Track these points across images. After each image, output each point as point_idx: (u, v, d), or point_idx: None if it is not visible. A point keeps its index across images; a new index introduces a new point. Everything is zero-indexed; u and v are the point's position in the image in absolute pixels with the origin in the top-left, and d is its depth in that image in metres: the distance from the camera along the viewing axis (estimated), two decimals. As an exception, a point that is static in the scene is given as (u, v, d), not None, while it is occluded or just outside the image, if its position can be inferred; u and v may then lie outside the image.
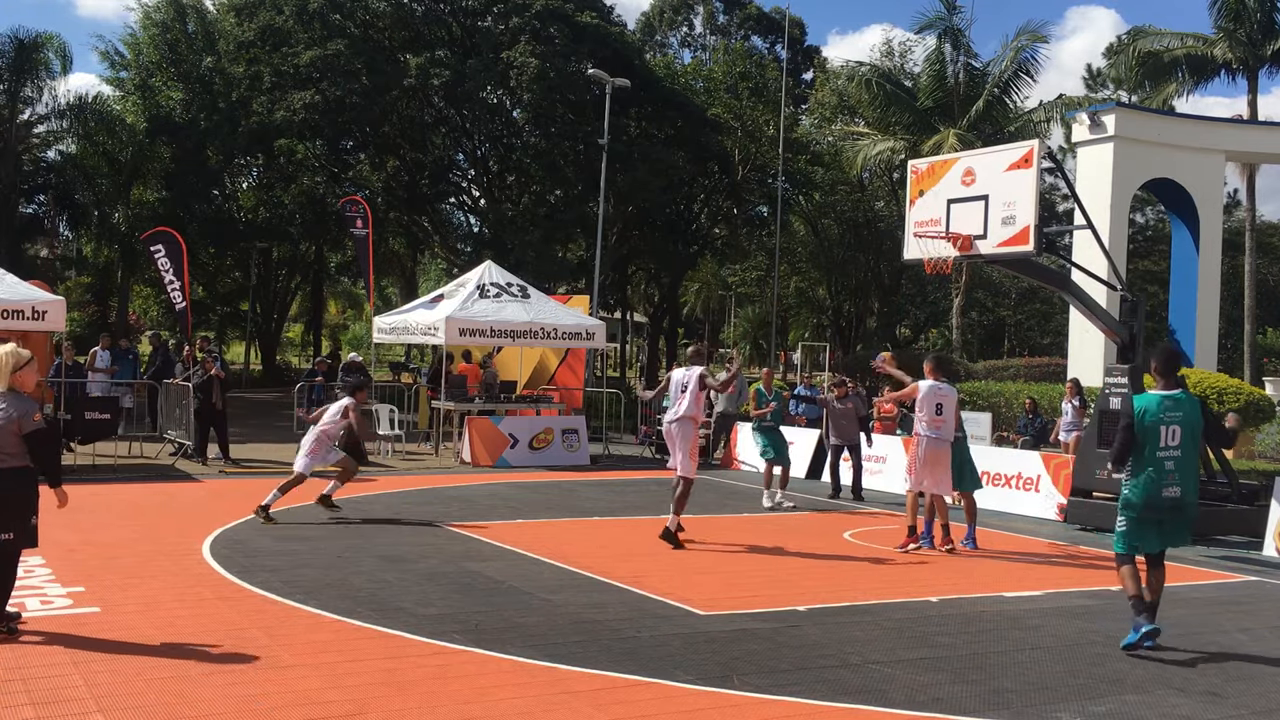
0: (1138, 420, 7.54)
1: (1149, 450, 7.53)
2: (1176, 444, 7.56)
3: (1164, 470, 7.54)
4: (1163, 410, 7.57)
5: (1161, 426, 7.54)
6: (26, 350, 7.13)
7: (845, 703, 6.16)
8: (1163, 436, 7.54)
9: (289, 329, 60.04)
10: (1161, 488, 7.54)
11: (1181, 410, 7.61)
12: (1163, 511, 7.59)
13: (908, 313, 50.19)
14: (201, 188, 35.82)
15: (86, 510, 12.09)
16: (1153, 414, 7.55)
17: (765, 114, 39.71)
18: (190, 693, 5.90)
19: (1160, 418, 7.55)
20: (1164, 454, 7.55)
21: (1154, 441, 7.53)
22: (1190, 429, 7.62)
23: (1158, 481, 7.53)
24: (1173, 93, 35.56)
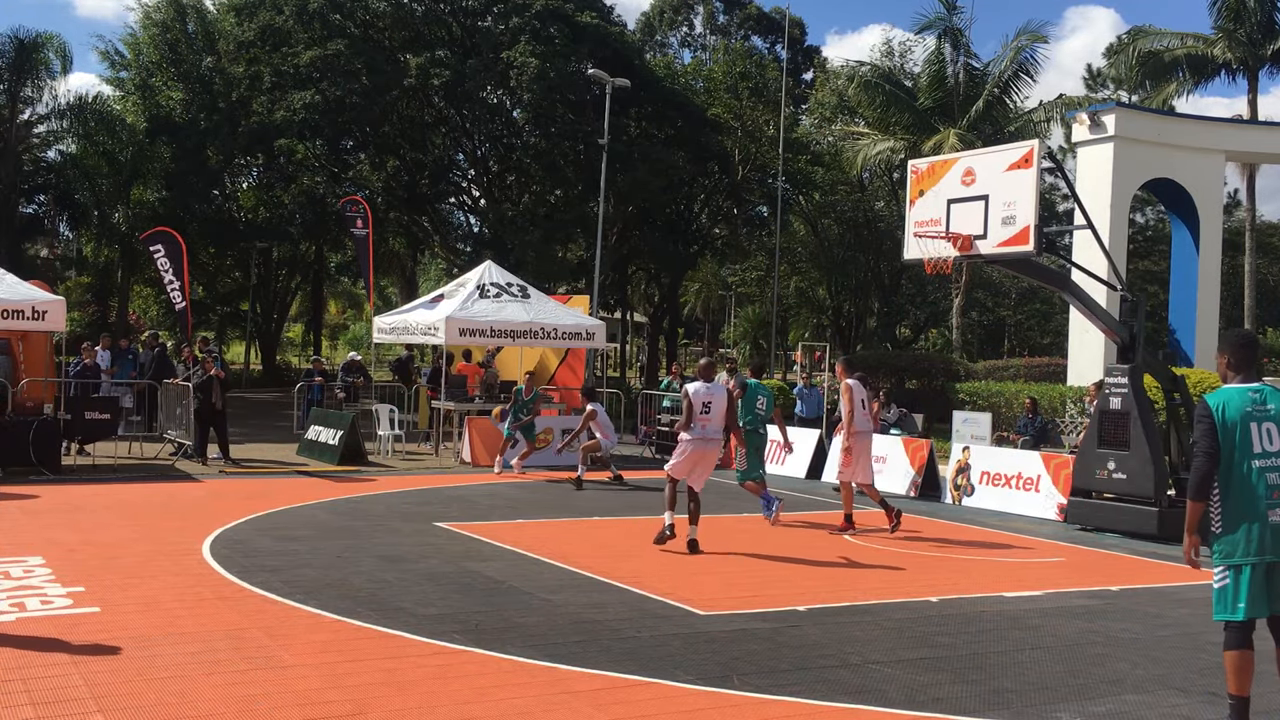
0: (1217, 419, 5.59)
1: (1241, 461, 5.54)
2: (1276, 450, 5.58)
3: (1267, 485, 5.53)
4: (1250, 405, 5.62)
5: (1253, 424, 5.58)
6: None
7: (845, 703, 6.16)
8: (1256, 438, 5.56)
9: (289, 329, 60.05)
10: (1266, 510, 5.51)
11: (1274, 405, 5.67)
12: (1272, 547, 5.49)
13: (908, 313, 50.13)
14: (201, 188, 35.84)
15: (86, 510, 12.09)
16: (1236, 409, 5.59)
17: (765, 114, 39.71)
18: (190, 693, 5.90)
19: (1249, 413, 5.59)
20: (1263, 463, 5.55)
21: (1246, 448, 5.54)
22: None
23: (1257, 503, 5.51)
24: (1173, 93, 35.57)
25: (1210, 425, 5.58)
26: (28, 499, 12.83)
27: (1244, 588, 5.51)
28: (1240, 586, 5.52)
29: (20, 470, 14.90)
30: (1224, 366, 5.86)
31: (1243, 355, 5.80)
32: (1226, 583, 5.59)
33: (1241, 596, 5.52)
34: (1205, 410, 5.64)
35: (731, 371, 20.84)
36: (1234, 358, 5.81)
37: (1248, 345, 5.86)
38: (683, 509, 11.10)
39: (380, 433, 19.31)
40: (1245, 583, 5.51)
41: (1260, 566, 5.51)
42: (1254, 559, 5.50)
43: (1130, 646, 7.66)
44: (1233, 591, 5.55)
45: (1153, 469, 12.85)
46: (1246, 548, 5.52)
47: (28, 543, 10.02)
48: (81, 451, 16.77)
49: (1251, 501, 5.53)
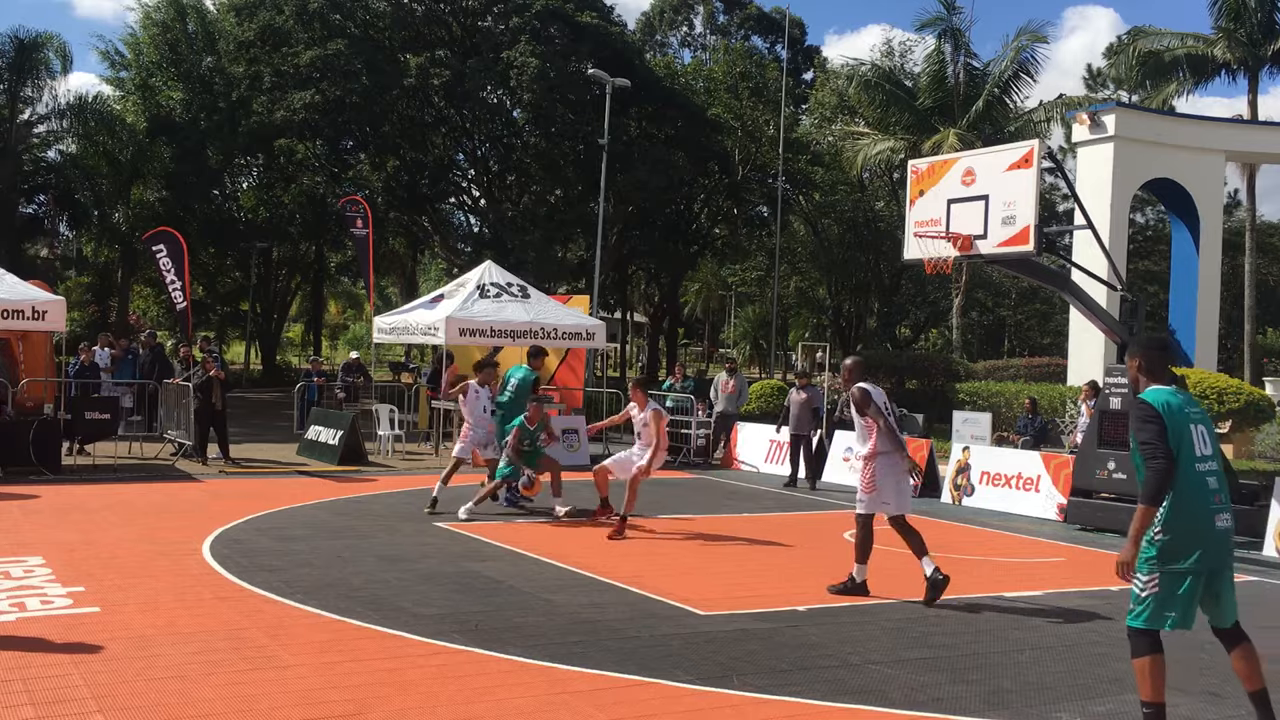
0: (1167, 419, 5.37)
1: (1188, 463, 5.34)
2: (1210, 452, 5.44)
3: (1208, 490, 5.35)
4: (1185, 404, 5.48)
5: (1191, 426, 5.40)
6: None
7: (845, 703, 6.16)
8: (1196, 440, 5.39)
9: (289, 329, 60.07)
10: (1213, 514, 5.33)
11: (1198, 407, 5.57)
12: (1214, 554, 5.32)
13: (908, 313, 50.14)
14: (201, 188, 35.87)
15: (86, 510, 12.09)
16: (1178, 409, 5.41)
17: (765, 114, 39.73)
18: (190, 693, 5.90)
19: (1187, 414, 5.43)
20: (1204, 466, 5.38)
21: (1190, 450, 5.35)
22: (1213, 434, 5.59)
23: (1205, 508, 5.32)
24: (1173, 93, 35.57)
25: (1162, 427, 5.33)
26: (28, 499, 12.83)
27: (1181, 597, 5.31)
28: (1176, 595, 5.31)
29: (20, 470, 14.90)
30: (1135, 370, 5.69)
31: (1156, 360, 5.66)
32: (1158, 590, 5.35)
33: (1176, 606, 5.32)
34: (1153, 411, 5.38)
35: (731, 372, 20.89)
36: (1147, 363, 5.67)
37: (1162, 350, 5.70)
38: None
39: (380, 433, 19.31)
40: (1184, 592, 5.31)
41: (1202, 575, 5.32)
42: (1198, 566, 5.31)
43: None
44: (1166, 600, 5.32)
45: (1153, 469, 12.82)
46: (1192, 555, 5.30)
47: (28, 543, 10.02)
48: (81, 451, 16.77)
49: (1199, 506, 5.33)
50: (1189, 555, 5.28)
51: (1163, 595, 5.33)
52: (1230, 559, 5.47)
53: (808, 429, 17.10)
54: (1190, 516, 5.30)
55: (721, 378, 20.60)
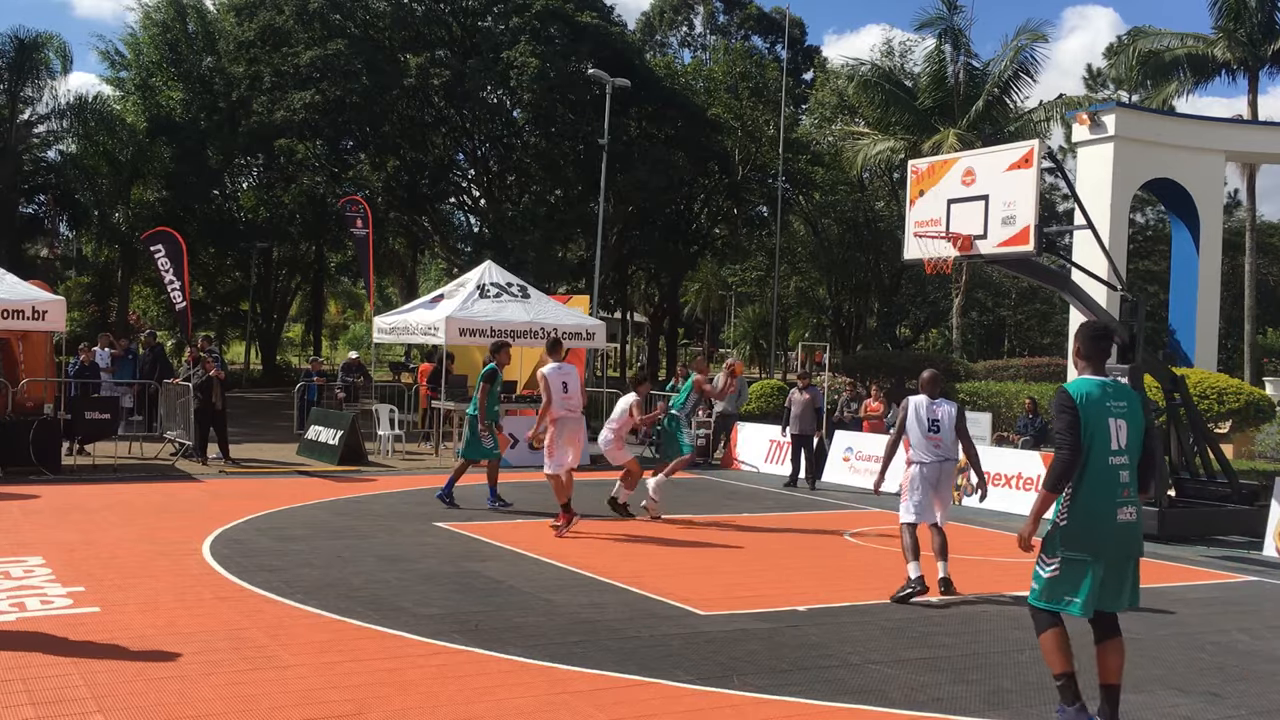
0: (1080, 410, 5.47)
1: (1099, 455, 5.45)
2: (1126, 447, 5.53)
3: (1119, 483, 5.49)
4: (1106, 397, 5.54)
5: (1110, 420, 5.49)
6: None
7: (845, 703, 6.16)
8: (1112, 434, 5.49)
9: (289, 329, 60.06)
10: (1116, 508, 5.46)
11: (1126, 400, 5.61)
12: (1115, 546, 5.47)
13: (908, 313, 50.14)
14: (201, 188, 35.86)
15: (86, 510, 12.10)
16: (1096, 402, 5.50)
17: (765, 114, 39.73)
18: (190, 693, 5.90)
19: (1106, 407, 5.50)
20: (1116, 460, 5.49)
21: (1104, 443, 5.46)
22: (1137, 429, 5.63)
23: (1110, 500, 5.46)
24: (1173, 93, 35.56)
25: (1075, 418, 5.45)
26: (28, 499, 12.83)
27: (1085, 585, 5.44)
28: (1079, 582, 5.45)
29: (20, 470, 14.90)
30: (1075, 355, 5.80)
31: (1094, 346, 5.72)
32: (1058, 574, 5.49)
33: (1080, 593, 5.45)
34: (1069, 401, 5.49)
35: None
36: (1085, 347, 5.73)
37: (1100, 337, 5.78)
38: None
39: (380, 433, 19.31)
40: (1088, 580, 5.43)
41: (1101, 564, 5.44)
42: (1098, 555, 5.43)
43: (1130, 646, 7.62)
44: (1068, 585, 5.47)
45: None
46: (1093, 545, 5.43)
47: (28, 543, 10.02)
48: (81, 451, 16.77)
49: (1104, 498, 5.44)
50: (1089, 544, 5.43)
51: (1062, 579, 5.48)
52: (1135, 550, 5.57)
53: (811, 429, 17.12)
54: (1093, 507, 5.44)
55: (718, 378, 20.57)
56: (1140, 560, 5.66)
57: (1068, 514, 5.49)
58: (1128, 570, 5.56)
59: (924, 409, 9.43)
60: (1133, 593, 5.62)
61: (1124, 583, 5.56)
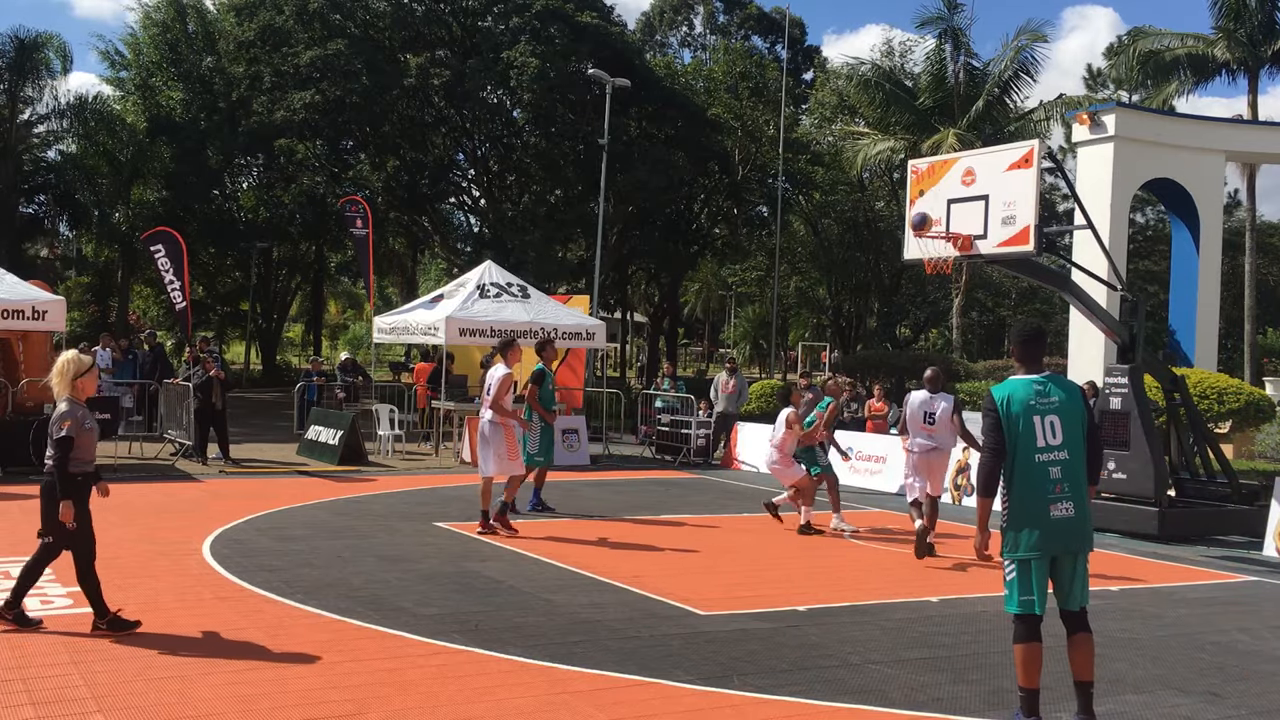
0: (1000, 410, 5.63)
1: (1025, 454, 5.60)
2: (1059, 443, 5.61)
3: (1049, 479, 5.59)
4: (1034, 397, 5.67)
5: (1036, 418, 5.61)
6: (88, 357, 7.22)
7: (845, 703, 6.16)
8: (1039, 432, 5.60)
9: (289, 329, 60.05)
10: (1049, 504, 5.58)
11: (1058, 396, 5.69)
12: (1052, 541, 5.58)
13: (908, 313, 50.12)
14: (201, 188, 35.84)
15: (86, 510, 12.09)
16: (1020, 402, 5.64)
17: (765, 114, 39.71)
18: (190, 693, 5.90)
19: (1033, 405, 5.64)
20: (1045, 456, 5.60)
21: (1029, 441, 5.59)
22: (1074, 422, 5.68)
23: (1041, 497, 5.58)
24: (1173, 93, 35.55)
25: (996, 420, 5.64)
26: (28, 499, 12.81)
27: (1033, 581, 5.58)
28: (1029, 580, 5.58)
29: (20, 470, 14.90)
30: (1014, 359, 5.95)
31: (1027, 349, 5.86)
32: (1014, 576, 5.64)
33: (1032, 589, 5.58)
34: (991, 404, 5.68)
35: (731, 372, 20.89)
36: (1017, 350, 5.89)
37: (1032, 339, 5.90)
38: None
39: (380, 433, 19.31)
40: (1034, 577, 5.58)
41: (1045, 560, 5.58)
42: (1037, 553, 5.57)
43: (1130, 646, 7.66)
44: (1021, 585, 5.61)
45: (1153, 469, 12.84)
46: (1031, 542, 5.58)
47: (28, 543, 10.00)
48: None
49: (1035, 495, 5.58)
50: (1027, 542, 5.58)
51: (1020, 581, 5.63)
52: (1077, 545, 5.64)
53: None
54: (1027, 505, 5.59)
55: (721, 378, 20.61)
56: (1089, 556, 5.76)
57: (1006, 515, 5.69)
58: (1077, 566, 5.67)
59: (922, 402, 11.16)
60: (1082, 591, 5.70)
61: (1075, 579, 5.67)
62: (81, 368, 7.12)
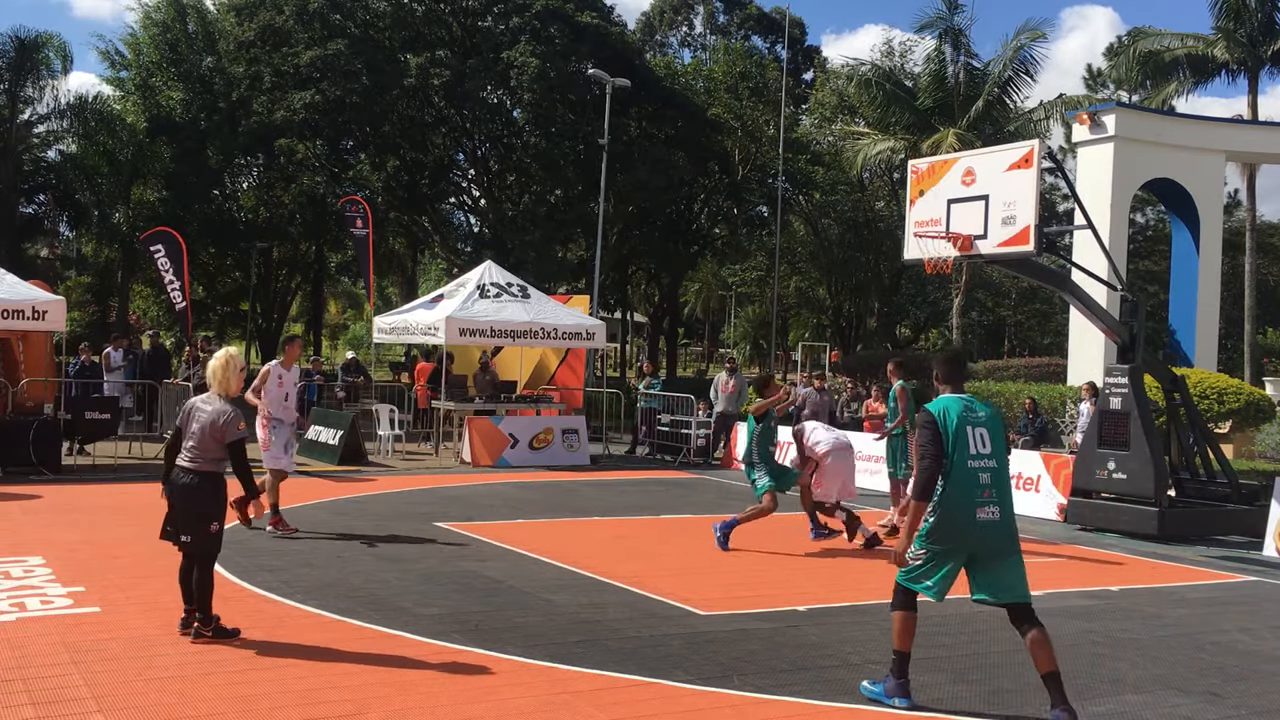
0: (939, 422, 6.11)
1: (960, 460, 6.03)
2: (989, 452, 6.12)
3: (979, 484, 6.02)
4: (965, 410, 6.20)
5: (969, 429, 6.10)
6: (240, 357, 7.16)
7: (845, 703, 6.16)
8: (971, 441, 6.08)
9: (289, 329, 59.99)
10: (975, 507, 5.99)
11: (984, 411, 6.29)
12: (974, 542, 6.01)
13: (908, 313, 50.12)
14: (201, 188, 35.80)
15: (86, 510, 12.10)
16: (955, 414, 6.13)
17: (765, 114, 39.70)
18: (190, 693, 5.90)
19: (965, 418, 6.14)
20: (976, 463, 6.06)
21: (963, 449, 6.05)
22: (999, 436, 6.25)
23: (970, 500, 5.99)
24: (1173, 93, 35.54)
25: (935, 431, 6.08)
26: (28, 499, 12.83)
27: (940, 574, 6.05)
28: (935, 572, 6.05)
29: (20, 470, 14.90)
30: (935, 379, 6.51)
31: (949, 370, 6.47)
32: (922, 563, 6.09)
33: (935, 580, 6.06)
34: (929, 417, 6.14)
35: (731, 371, 20.88)
36: (942, 372, 6.49)
37: (954, 362, 6.56)
38: None
39: (380, 433, 19.32)
40: (946, 569, 6.05)
41: (961, 557, 6.04)
42: (957, 549, 6.02)
43: (1130, 646, 7.66)
44: (927, 571, 6.07)
45: (1153, 469, 12.84)
46: (953, 539, 6.01)
47: (28, 543, 10.02)
48: (81, 451, 16.76)
49: (965, 497, 6.00)
50: (949, 538, 6.02)
51: (924, 567, 6.09)
52: (1001, 546, 6.05)
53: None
54: (954, 505, 6.01)
55: (721, 378, 20.60)
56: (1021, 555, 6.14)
57: (933, 512, 6.08)
58: (1004, 565, 6.05)
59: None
60: (1023, 585, 6.07)
61: (1003, 576, 6.04)
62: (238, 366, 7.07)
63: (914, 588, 6.15)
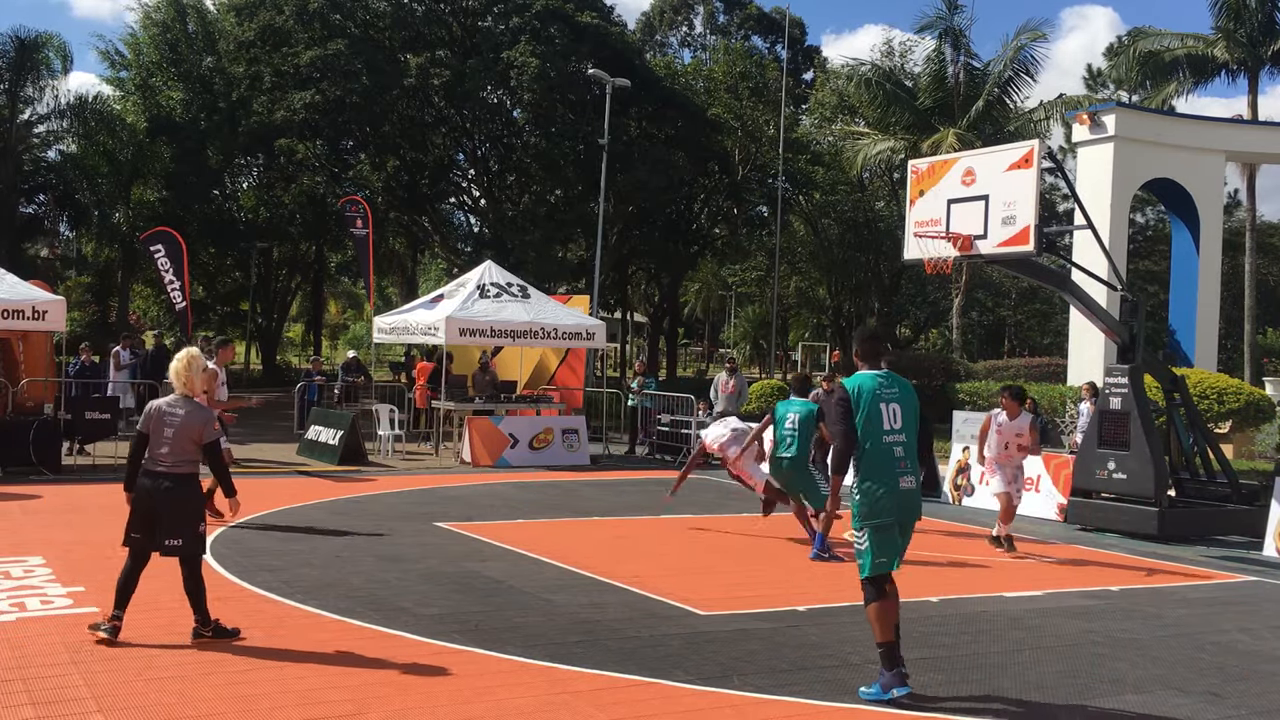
0: (853, 399, 6.35)
1: (876, 436, 6.32)
2: (900, 426, 6.40)
3: (894, 457, 6.34)
4: (880, 386, 6.43)
5: (883, 405, 6.36)
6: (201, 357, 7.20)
7: (845, 703, 6.16)
8: (885, 417, 6.36)
9: (289, 329, 60.01)
10: (897, 478, 6.33)
11: (898, 387, 6.51)
12: (902, 510, 6.36)
13: (908, 313, 50.13)
14: (201, 188, 35.82)
15: (86, 510, 12.10)
16: (869, 391, 6.38)
17: (765, 114, 39.69)
18: (190, 693, 5.90)
19: (879, 394, 6.39)
20: (891, 438, 6.36)
21: (878, 425, 6.33)
22: (911, 410, 6.50)
23: (891, 472, 6.31)
24: (1173, 93, 35.54)
25: (848, 408, 6.36)
26: (28, 499, 12.83)
27: (888, 543, 6.30)
28: (891, 543, 6.31)
29: (20, 470, 14.90)
30: (855, 356, 6.73)
31: (868, 348, 6.69)
32: (868, 544, 6.30)
33: (885, 552, 6.29)
34: (844, 394, 6.41)
35: (731, 372, 20.88)
36: (861, 349, 6.72)
37: (872, 340, 6.76)
38: None
39: (380, 433, 19.31)
40: (888, 540, 6.30)
41: (893, 525, 6.31)
42: (889, 519, 6.29)
43: (1130, 646, 7.66)
44: (877, 549, 6.28)
45: (1153, 469, 12.84)
46: (881, 510, 6.29)
47: (28, 543, 10.02)
48: (81, 451, 16.76)
49: (886, 470, 6.32)
50: (883, 511, 6.30)
51: (874, 546, 6.29)
52: (915, 514, 6.45)
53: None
54: (879, 480, 6.31)
55: (721, 378, 20.58)
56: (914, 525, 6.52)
57: (859, 490, 6.35)
58: (908, 534, 6.46)
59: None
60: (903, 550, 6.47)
61: (905, 543, 6.45)
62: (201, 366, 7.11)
63: (875, 573, 6.31)
